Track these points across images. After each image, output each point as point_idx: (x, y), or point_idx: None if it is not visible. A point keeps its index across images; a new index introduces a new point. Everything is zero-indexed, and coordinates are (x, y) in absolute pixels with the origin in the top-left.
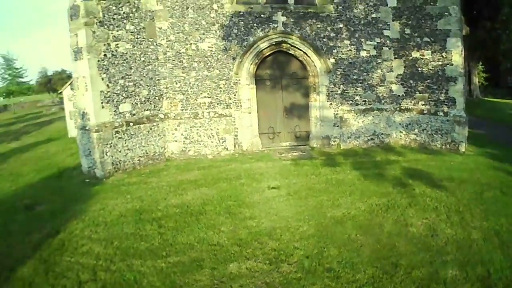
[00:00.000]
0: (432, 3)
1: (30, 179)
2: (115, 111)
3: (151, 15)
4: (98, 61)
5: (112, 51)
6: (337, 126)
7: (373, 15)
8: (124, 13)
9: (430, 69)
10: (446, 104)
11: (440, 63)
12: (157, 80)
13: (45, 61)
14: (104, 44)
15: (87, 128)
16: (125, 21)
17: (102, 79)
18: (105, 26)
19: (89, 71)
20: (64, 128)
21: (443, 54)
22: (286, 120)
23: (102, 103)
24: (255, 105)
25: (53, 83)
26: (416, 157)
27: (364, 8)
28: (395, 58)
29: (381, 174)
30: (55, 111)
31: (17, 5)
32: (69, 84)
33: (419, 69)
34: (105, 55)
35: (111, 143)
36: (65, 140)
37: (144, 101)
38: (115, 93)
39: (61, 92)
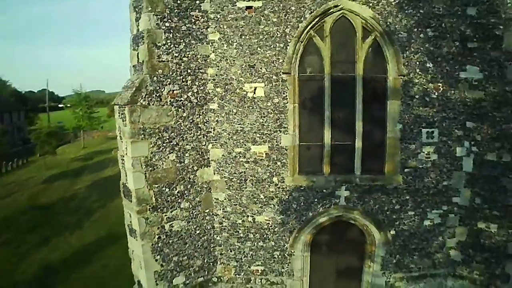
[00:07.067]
0: (510, 176)
1: None
2: (168, 285)
3: (207, 187)
4: (152, 244)
5: (167, 232)
6: None
7: (445, 183)
8: (178, 192)
9: (493, 243)
10: (500, 279)
11: (504, 239)
12: (212, 247)
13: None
14: (158, 228)
15: None
16: (179, 200)
17: (156, 260)
18: (159, 210)
19: (143, 256)
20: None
21: (510, 231)
22: (338, 282)
23: (156, 281)
24: (307, 272)
25: None
26: None
27: (436, 176)
28: (459, 225)
29: None
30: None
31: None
32: None
33: (481, 240)
34: (159, 237)
35: None
36: (123, 244)
37: (198, 270)
38: (169, 270)
39: None
